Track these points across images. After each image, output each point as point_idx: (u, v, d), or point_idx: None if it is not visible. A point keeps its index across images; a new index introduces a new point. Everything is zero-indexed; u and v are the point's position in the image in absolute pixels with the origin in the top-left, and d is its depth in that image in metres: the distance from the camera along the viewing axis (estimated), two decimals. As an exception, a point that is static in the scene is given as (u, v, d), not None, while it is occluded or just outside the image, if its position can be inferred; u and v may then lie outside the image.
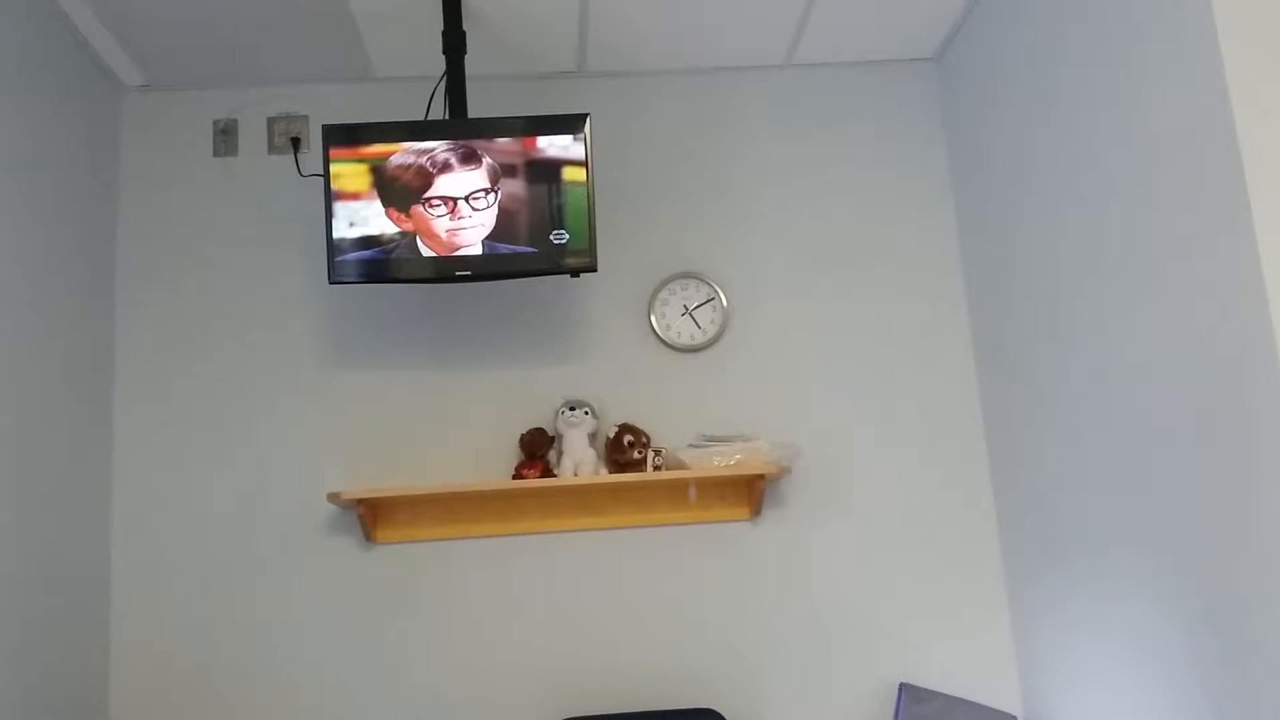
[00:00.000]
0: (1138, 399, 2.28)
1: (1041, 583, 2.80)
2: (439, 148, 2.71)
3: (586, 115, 2.76)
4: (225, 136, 3.16)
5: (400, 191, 2.70)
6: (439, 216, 2.69)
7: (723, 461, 2.87)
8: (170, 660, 2.90)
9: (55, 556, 2.65)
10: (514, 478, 2.92)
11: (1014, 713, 2.93)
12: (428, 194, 2.70)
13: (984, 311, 3.06)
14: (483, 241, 2.69)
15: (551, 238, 2.72)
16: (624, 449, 2.93)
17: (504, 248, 2.70)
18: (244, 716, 2.88)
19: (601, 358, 3.09)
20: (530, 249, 2.71)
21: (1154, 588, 2.26)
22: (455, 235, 2.69)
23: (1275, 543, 1.87)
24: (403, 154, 2.71)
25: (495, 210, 2.70)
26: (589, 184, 2.74)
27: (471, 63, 3.00)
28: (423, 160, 2.71)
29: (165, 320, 3.06)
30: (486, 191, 2.70)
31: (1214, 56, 1.95)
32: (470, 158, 2.70)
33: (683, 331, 3.11)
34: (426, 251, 2.69)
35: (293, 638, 2.92)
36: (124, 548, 2.95)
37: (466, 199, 2.70)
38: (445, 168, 2.71)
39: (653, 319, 3.11)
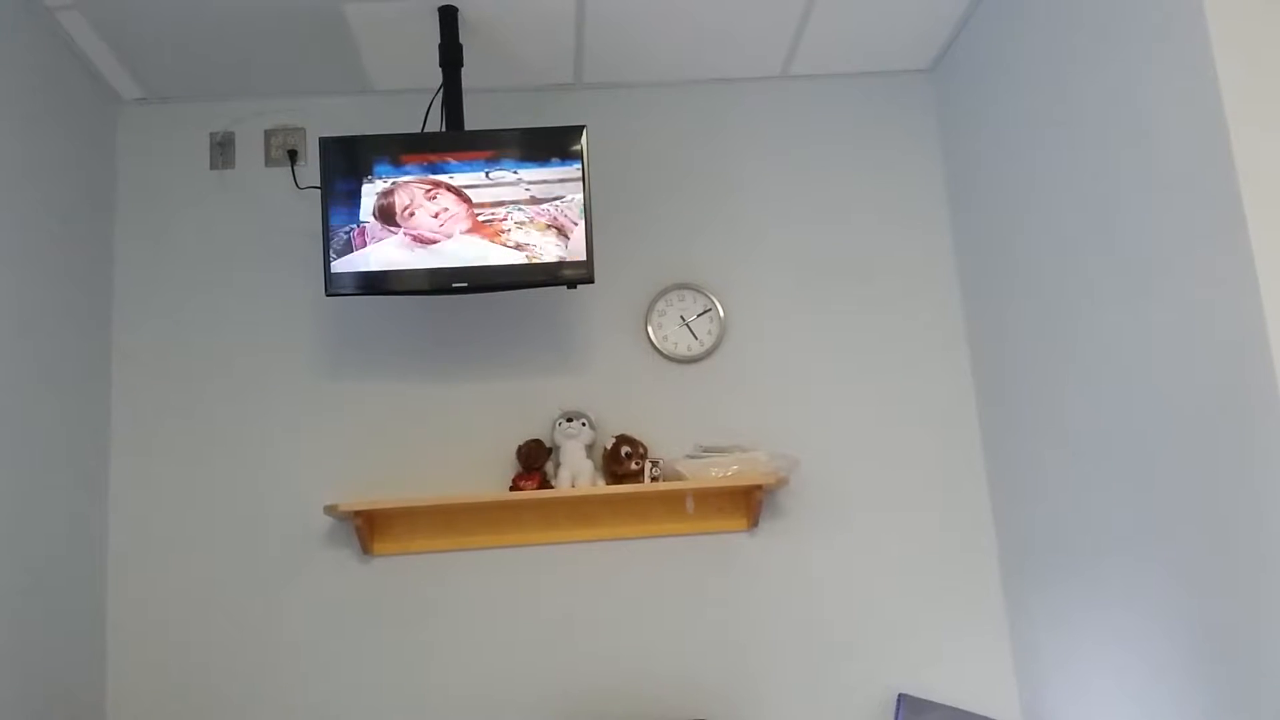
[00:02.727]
0: (1135, 409, 2.28)
1: (1040, 592, 2.79)
2: (430, 177, 2.72)
3: (583, 128, 2.77)
4: (222, 149, 3.16)
5: (393, 207, 2.71)
6: (427, 206, 2.70)
7: (720, 472, 2.87)
8: (167, 672, 2.89)
9: (52, 567, 2.65)
10: (511, 489, 2.92)
11: (1012, 723, 2.93)
12: (419, 205, 2.71)
13: (980, 322, 3.07)
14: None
15: (548, 249, 2.73)
16: (621, 460, 2.92)
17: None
18: (241, 729, 2.88)
19: (599, 369, 3.09)
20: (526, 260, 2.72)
21: (1153, 597, 2.25)
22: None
23: (1274, 552, 1.86)
24: (399, 172, 2.72)
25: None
26: (586, 196, 2.74)
27: (468, 75, 3.01)
28: (417, 180, 2.72)
29: (162, 332, 3.06)
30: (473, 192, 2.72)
31: (1208, 67, 1.96)
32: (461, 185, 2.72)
33: (680, 342, 3.11)
34: (421, 260, 2.69)
35: (290, 649, 2.92)
36: (120, 560, 2.94)
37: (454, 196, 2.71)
38: (439, 184, 2.72)
39: (650, 330, 3.11)
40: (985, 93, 2.94)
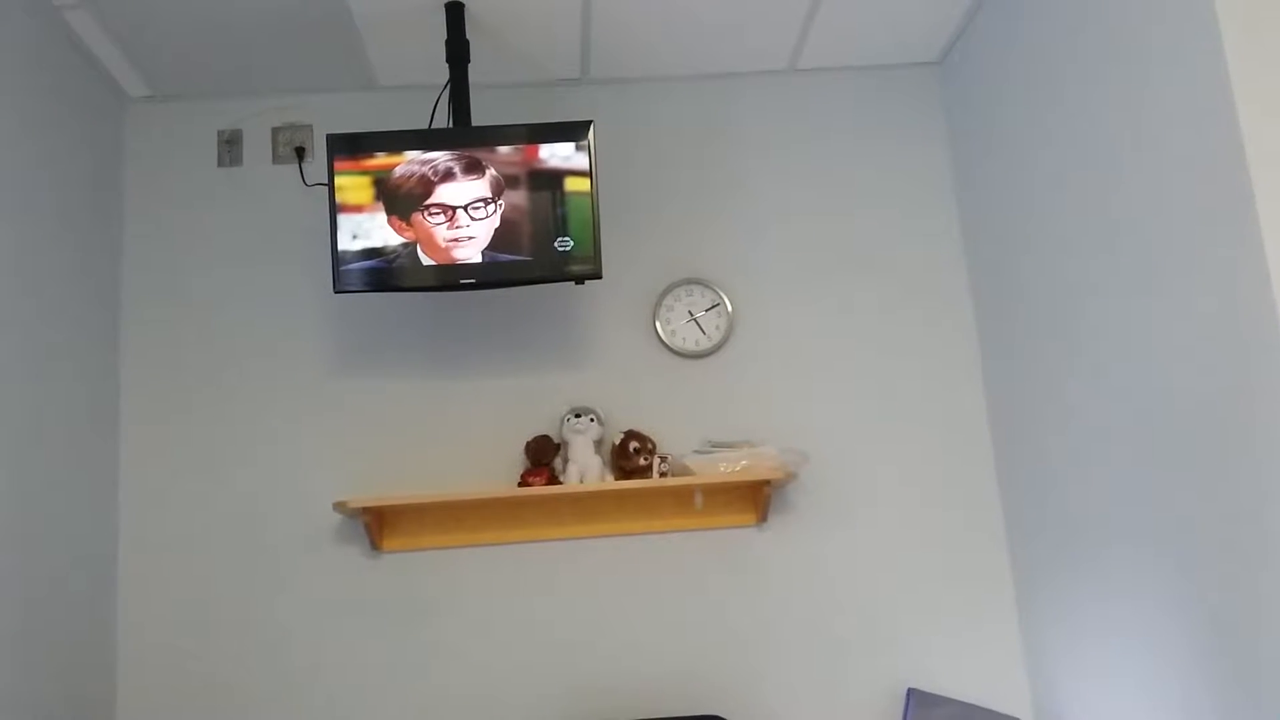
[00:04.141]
0: (1144, 401, 2.27)
1: (1050, 586, 2.79)
2: (441, 158, 2.71)
3: (590, 123, 2.77)
4: (230, 147, 3.17)
5: (402, 200, 2.70)
6: (438, 225, 2.69)
7: (729, 467, 2.87)
8: (177, 670, 2.90)
9: (61, 565, 2.66)
10: (520, 485, 2.92)
11: (1023, 717, 2.92)
12: (428, 202, 2.70)
13: (989, 315, 3.06)
14: (482, 252, 2.69)
15: (556, 245, 2.72)
16: (630, 456, 2.92)
17: (505, 257, 2.70)
18: (252, 725, 2.89)
19: (607, 364, 3.09)
20: (534, 257, 2.71)
21: (1163, 591, 2.25)
22: (454, 246, 2.69)
23: (1282, 548, 1.86)
24: (406, 164, 2.71)
25: (496, 220, 2.70)
26: (593, 191, 2.74)
27: (475, 71, 3.00)
28: (425, 169, 2.71)
29: (170, 329, 3.07)
30: (487, 202, 2.70)
31: (1217, 55, 1.95)
32: (473, 167, 2.71)
33: (688, 337, 3.10)
34: (427, 261, 2.69)
35: (299, 646, 2.92)
36: (130, 558, 2.95)
37: (465, 208, 2.70)
38: (447, 176, 2.71)
39: (658, 325, 3.11)
40: (993, 84, 2.92)
